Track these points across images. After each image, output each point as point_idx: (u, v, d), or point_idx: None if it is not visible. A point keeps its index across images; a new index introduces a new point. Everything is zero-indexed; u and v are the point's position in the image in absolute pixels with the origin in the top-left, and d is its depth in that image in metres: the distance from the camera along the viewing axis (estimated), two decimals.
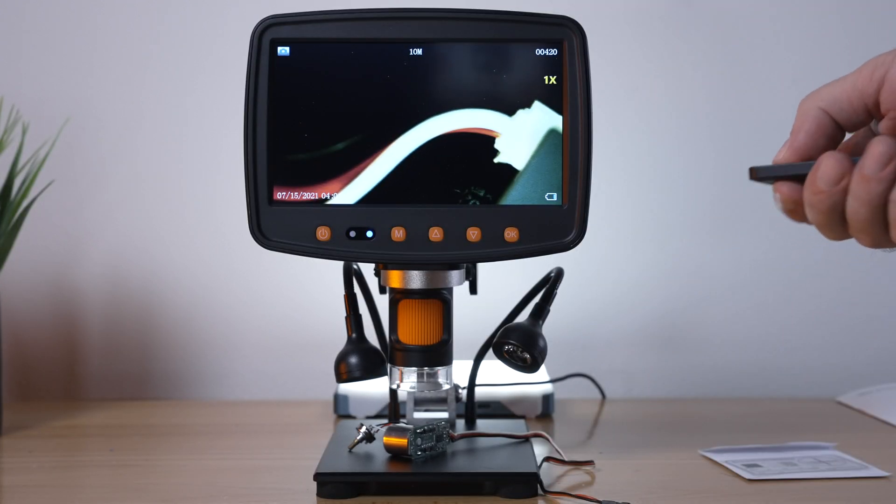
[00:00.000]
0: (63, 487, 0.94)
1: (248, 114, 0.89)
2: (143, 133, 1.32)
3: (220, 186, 1.31)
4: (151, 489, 0.92)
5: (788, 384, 1.34)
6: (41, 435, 1.11)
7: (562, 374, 1.29)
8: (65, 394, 1.33)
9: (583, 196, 0.89)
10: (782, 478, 0.93)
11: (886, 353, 1.35)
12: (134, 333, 1.33)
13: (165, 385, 1.33)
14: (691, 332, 1.34)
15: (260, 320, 1.33)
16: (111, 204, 1.32)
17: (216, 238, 1.32)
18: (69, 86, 1.31)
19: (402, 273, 0.92)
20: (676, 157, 1.33)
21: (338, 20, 0.89)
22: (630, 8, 1.33)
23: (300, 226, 0.90)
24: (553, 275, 0.99)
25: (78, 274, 1.32)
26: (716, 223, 1.34)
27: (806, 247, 1.34)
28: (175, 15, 1.31)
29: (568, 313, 1.32)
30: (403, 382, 0.94)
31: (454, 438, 0.95)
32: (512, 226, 0.89)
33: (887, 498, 0.89)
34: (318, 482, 0.87)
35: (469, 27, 0.89)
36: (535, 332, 0.96)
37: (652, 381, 1.34)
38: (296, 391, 1.33)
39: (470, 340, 1.07)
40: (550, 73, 0.89)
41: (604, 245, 1.32)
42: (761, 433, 1.10)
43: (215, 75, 1.31)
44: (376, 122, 0.89)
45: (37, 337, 1.32)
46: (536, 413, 1.16)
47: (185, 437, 1.13)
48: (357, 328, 0.99)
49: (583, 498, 0.86)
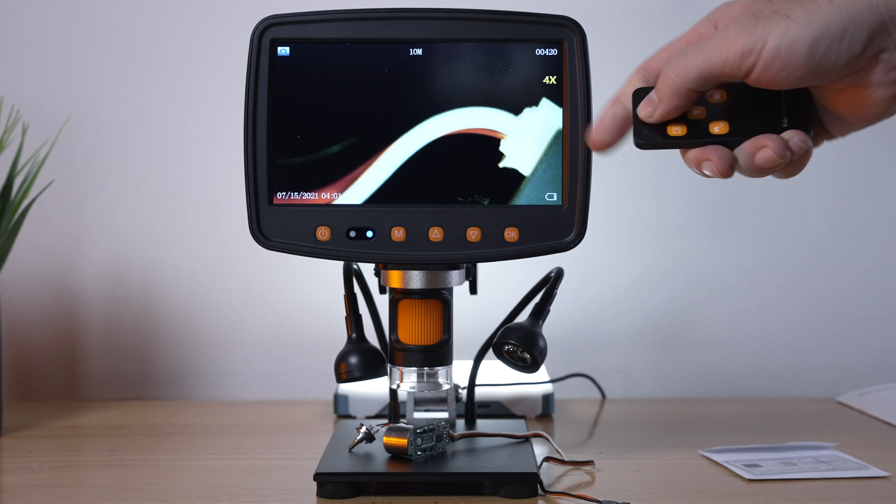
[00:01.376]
0: (63, 487, 0.94)
1: (248, 114, 0.89)
2: (143, 133, 1.32)
3: (220, 186, 1.31)
4: (151, 489, 0.92)
5: (788, 384, 1.34)
6: (41, 435, 1.11)
7: (562, 374, 1.29)
8: (65, 394, 1.33)
9: (583, 196, 0.89)
10: (782, 478, 0.93)
11: (886, 353, 1.35)
12: (134, 333, 1.33)
13: (165, 385, 1.33)
14: (691, 332, 1.34)
15: (260, 320, 1.33)
16: (111, 204, 1.32)
17: (216, 238, 1.32)
18: (69, 86, 1.31)
19: (402, 273, 0.92)
20: (676, 157, 1.32)
21: (338, 20, 0.89)
22: (630, 8, 1.33)
23: (300, 226, 0.89)
24: (553, 275, 0.99)
25: (78, 274, 1.32)
26: (716, 223, 1.34)
27: (805, 247, 1.34)
28: (175, 15, 1.32)
29: (568, 313, 1.32)
30: (403, 382, 0.94)
31: (454, 438, 0.95)
32: (512, 226, 0.89)
33: (887, 498, 0.89)
34: (318, 482, 0.87)
35: (469, 27, 0.89)
36: (535, 332, 0.96)
37: (652, 381, 1.34)
38: (296, 391, 1.33)
39: (470, 340, 1.08)
40: (550, 73, 0.89)
41: (604, 245, 1.32)
42: (761, 433, 1.10)
43: (215, 75, 1.31)
44: (376, 122, 0.89)
45: (37, 337, 1.32)
46: (536, 413, 1.16)
47: (185, 437, 1.13)
48: (357, 328, 0.99)
49: (583, 498, 0.86)
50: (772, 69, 0.69)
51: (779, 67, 0.69)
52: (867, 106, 0.72)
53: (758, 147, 0.73)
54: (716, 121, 0.75)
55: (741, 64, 0.70)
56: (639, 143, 0.77)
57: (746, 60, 0.70)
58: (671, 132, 0.76)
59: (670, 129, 0.76)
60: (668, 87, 0.73)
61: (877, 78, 0.70)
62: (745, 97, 0.75)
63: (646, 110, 0.75)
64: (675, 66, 0.73)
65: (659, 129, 0.76)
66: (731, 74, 0.71)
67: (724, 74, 0.71)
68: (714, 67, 0.71)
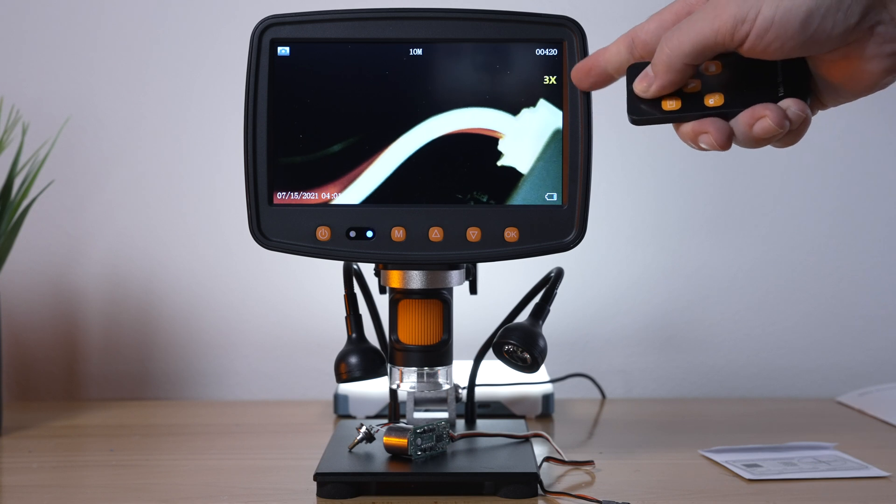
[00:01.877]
0: (63, 487, 0.94)
1: (248, 114, 0.89)
2: (143, 133, 1.32)
3: (220, 186, 1.31)
4: (151, 489, 0.92)
5: (788, 384, 1.34)
6: (41, 435, 1.11)
7: (562, 374, 1.29)
8: (65, 394, 1.33)
9: (583, 196, 0.89)
10: (782, 478, 0.93)
11: (886, 353, 1.35)
12: (134, 333, 1.33)
13: (165, 385, 1.33)
14: (691, 332, 1.34)
15: (260, 320, 1.33)
16: (111, 204, 1.32)
17: (216, 238, 1.32)
18: (69, 86, 1.31)
19: (402, 273, 0.92)
20: (676, 157, 1.33)
21: (338, 20, 0.89)
22: (630, 8, 1.32)
23: (300, 226, 0.89)
24: (553, 275, 0.99)
25: (78, 274, 1.32)
26: (715, 223, 1.34)
27: (805, 247, 1.34)
28: (175, 15, 1.32)
29: (568, 313, 1.32)
30: (403, 382, 0.94)
31: (454, 438, 0.95)
32: (512, 226, 0.89)
33: (887, 498, 0.89)
34: (318, 482, 0.87)
35: (469, 27, 0.89)
36: (535, 332, 0.96)
37: (652, 380, 1.34)
38: (296, 391, 1.33)
39: (470, 340, 1.08)
40: (550, 73, 0.89)
41: (604, 245, 1.32)
42: (761, 433, 1.10)
43: (215, 75, 1.31)
44: (376, 122, 0.89)
45: (37, 337, 1.32)
46: (536, 413, 1.16)
47: (185, 437, 1.12)
48: (357, 328, 0.99)
49: (583, 498, 0.86)
50: (765, 39, 0.69)
51: (772, 37, 0.69)
52: (860, 78, 0.72)
53: (756, 117, 0.72)
54: (711, 93, 0.74)
55: (734, 34, 0.70)
56: (633, 118, 0.77)
57: (740, 30, 0.69)
58: (666, 107, 0.75)
59: (665, 104, 0.75)
60: (662, 63, 0.73)
61: (871, 51, 0.69)
62: (741, 68, 0.74)
63: (641, 85, 0.75)
64: (669, 41, 0.73)
65: (653, 103, 0.76)
66: (724, 45, 0.71)
67: (717, 45, 0.71)
68: (707, 39, 0.71)
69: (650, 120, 0.76)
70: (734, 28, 0.69)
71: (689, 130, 0.75)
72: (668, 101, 0.75)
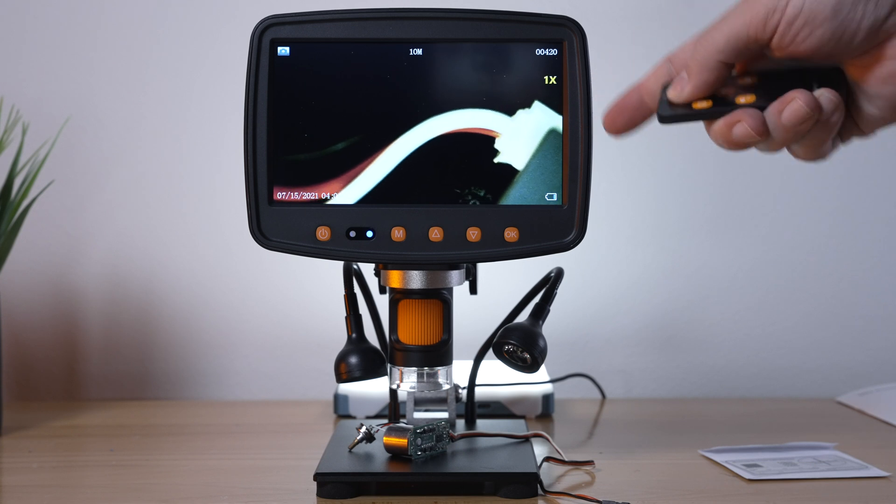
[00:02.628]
0: (63, 487, 0.94)
1: (248, 114, 0.89)
2: (143, 133, 1.32)
3: (220, 186, 1.31)
4: (151, 489, 0.92)
5: (788, 384, 1.34)
6: (41, 435, 1.11)
7: (562, 374, 1.29)
8: (65, 394, 1.33)
9: (583, 196, 0.89)
10: (782, 478, 0.93)
11: (886, 353, 1.35)
12: (134, 333, 1.33)
13: (165, 385, 1.33)
14: (691, 332, 1.34)
15: (260, 320, 1.33)
16: (111, 204, 1.32)
17: (216, 238, 1.32)
18: (69, 86, 1.31)
19: (402, 273, 0.92)
20: (676, 157, 1.33)
21: (338, 20, 0.89)
22: (630, 8, 1.33)
23: (300, 226, 0.89)
24: (553, 275, 0.99)
25: (78, 274, 1.32)
26: (715, 223, 1.34)
27: (805, 247, 1.34)
28: (175, 15, 1.32)
29: (568, 313, 1.32)
30: (403, 382, 0.94)
31: (454, 438, 0.95)
32: (512, 226, 0.89)
33: (887, 498, 0.89)
34: (318, 482, 0.87)
35: (469, 27, 0.89)
36: (535, 332, 0.96)
37: (652, 380, 1.34)
38: (296, 391, 1.33)
39: (470, 340, 1.07)
40: (550, 73, 0.89)
41: (604, 245, 1.32)
42: (761, 433, 1.10)
43: (215, 75, 1.31)
44: (376, 122, 0.89)
45: (37, 337, 1.32)
46: (536, 413, 1.16)
47: (185, 437, 1.13)
48: (357, 328, 0.99)
49: (583, 498, 0.86)
50: (794, 26, 0.69)
51: (801, 23, 0.69)
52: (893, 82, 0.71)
53: (786, 102, 0.71)
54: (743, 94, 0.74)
55: (766, 24, 0.70)
56: (662, 115, 0.75)
57: (771, 20, 0.70)
58: (696, 106, 0.74)
59: (696, 104, 0.74)
60: (697, 62, 0.73)
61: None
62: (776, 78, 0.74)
63: (675, 90, 0.75)
64: (702, 40, 0.73)
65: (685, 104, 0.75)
66: (757, 38, 0.71)
67: (750, 39, 0.71)
68: (740, 32, 0.71)
69: (679, 117, 0.75)
70: (766, 18, 0.70)
71: (721, 125, 0.74)
72: (700, 101, 0.74)
